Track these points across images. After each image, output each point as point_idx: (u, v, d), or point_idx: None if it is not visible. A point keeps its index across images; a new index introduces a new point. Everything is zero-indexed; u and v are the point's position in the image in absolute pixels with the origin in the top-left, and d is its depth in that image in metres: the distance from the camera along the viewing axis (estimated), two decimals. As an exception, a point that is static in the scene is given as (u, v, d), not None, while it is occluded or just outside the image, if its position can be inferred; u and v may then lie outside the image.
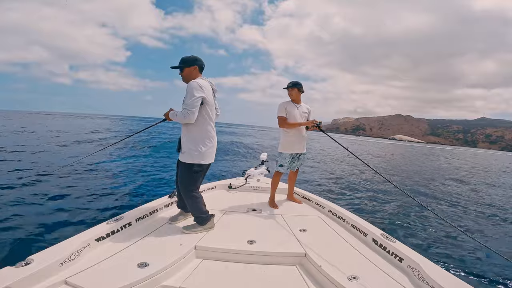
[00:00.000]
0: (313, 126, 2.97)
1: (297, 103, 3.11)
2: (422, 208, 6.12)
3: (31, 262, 1.47)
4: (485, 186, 10.79)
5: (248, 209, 2.96)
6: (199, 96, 2.07)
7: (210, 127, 2.24)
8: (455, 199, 7.48)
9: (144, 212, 2.41)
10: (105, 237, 1.94)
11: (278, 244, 2.12)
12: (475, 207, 6.79)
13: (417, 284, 1.66)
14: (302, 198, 3.46)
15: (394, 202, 6.18)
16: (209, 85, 2.23)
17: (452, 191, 8.74)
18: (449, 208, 6.41)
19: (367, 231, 2.30)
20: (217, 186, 3.70)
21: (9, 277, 1.33)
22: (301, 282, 1.75)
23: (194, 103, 2.06)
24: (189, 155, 2.17)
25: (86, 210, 4.15)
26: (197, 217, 2.27)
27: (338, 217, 2.76)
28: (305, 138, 3.18)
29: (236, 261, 1.93)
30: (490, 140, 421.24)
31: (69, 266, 1.60)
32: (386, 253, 2.02)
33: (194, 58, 2.23)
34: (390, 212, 5.53)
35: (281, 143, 3.16)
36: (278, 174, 3.19)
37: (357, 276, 1.68)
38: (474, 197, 8.23)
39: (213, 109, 2.25)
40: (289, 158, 3.14)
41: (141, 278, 1.54)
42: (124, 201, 4.77)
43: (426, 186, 9.10)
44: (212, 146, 2.26)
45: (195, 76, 2.21)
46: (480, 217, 5.93)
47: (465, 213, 6.13)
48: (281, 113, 3.03)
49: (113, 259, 1.74)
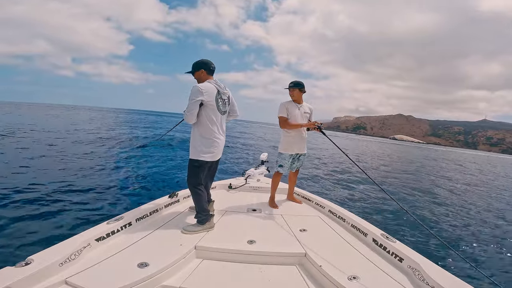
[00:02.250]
0: (314, 128, 2.95)
1: (298, 103, 3.08)
2: (422, 209, 6.12)
3: (31, 262, 1.47)
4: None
5: (248, 209, 2.96)
6: (197, 99, 2.21)
7: (210, 127, 2.31)
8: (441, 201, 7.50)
9: (144, 212, 2.40)
10: (105, 237, 1.94)
11: (278, 244, 2.12)
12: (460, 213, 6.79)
13: (417, 284, 1.66)
14: (302, 198, 3.46)
15: (394, 203, 6.17)
16: (213, 87, 2.29)
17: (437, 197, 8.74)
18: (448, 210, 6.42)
19: (367, 231, 2.30)
20: (217, 186, 3.70)
21: (9, 277, 1.33)
22: (301, 282, 1.75)
23: (191, 106, 2.23)
24: (191, 151, 2.35)
25: (86, 210, 4.15)
26: (198, 213, 2.32)
27: (338, 217, 2.76)
28: (305, 139, 3.17)
29: (236, 261, 1.93)
30: (491, 142, 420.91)
31: (69, 266, 1.59)
32: (386, 253, 2.02)
33: (201, 62, 2.37)
34: (390, 212, 5.53)
35: (281, 143, 3.15)
36: (278, 174, 3.19)
37: (357, 276, 1.68)
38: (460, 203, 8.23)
39: (214, 110, 2.31)
40: (289, 159, 3.13)
41: (141, 278, 1.54)
42: (124, 201, 4.77)
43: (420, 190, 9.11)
44: (210, 145, 2.33)
45: (204, 79, 2.35)
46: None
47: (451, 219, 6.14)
48: (282, 113, 3.01)
49: (113, 259, 1.74)
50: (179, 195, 2.92)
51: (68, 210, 4.10)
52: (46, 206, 4.19)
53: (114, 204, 4.55)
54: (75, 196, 4.78)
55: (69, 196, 4.73)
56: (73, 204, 4.36)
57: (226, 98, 2.43)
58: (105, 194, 5.02)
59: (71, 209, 4.15)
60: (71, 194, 4.86)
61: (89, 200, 4.63)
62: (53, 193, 4.75)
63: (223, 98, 2.39)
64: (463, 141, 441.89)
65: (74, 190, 5.10)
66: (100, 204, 4.47)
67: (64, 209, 4.10)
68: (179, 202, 2.93)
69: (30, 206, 4.14)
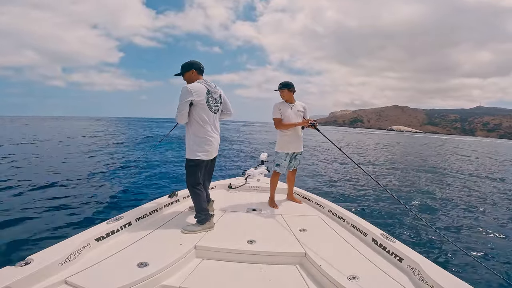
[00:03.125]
0: (309, 125, 3.00)
1: (290, 102, 3.14)
2: (422, 208, 6.12)
3: (31, 262, 1.47)
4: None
5: (248, 209, 2.97)
6: (186, 100, 2.24)
7: (202, 127, 2.34)
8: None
9: (144, 212, 2.41)
10: (105, 237, 1.94)
11: (278, 244, 2.12)
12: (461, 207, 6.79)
13: (417, 284, 1.66)
14: (302, 198, 3.46)
15: (395, 202, 6.18)
16: (203, 87, 2.32)
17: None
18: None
19: (367, 231, 2.30)
20: (217, 186, 3.70)
21: (9, 277, 1.33)
22: (301, 282, 1.75)
23: (181, 107, 2.26)
24: (187, 151, 2.39)
25: (86, 210, 4.16)
26: (197, 213, 2.32)
27: (338, 217, 2.76)
28: (301, 137, 3.23)
29: (236, 261, 1.93)
30: (488, 128, 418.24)
31: (69, 266, 1.60)
32: (386, 253, 2.02)
33: (190, 62, 2.40)
34: (391, 211, 5.53)
35: (277, 143, 3.20)
36: (276, 174, 3.22)
37: (357, 276, 1.68)
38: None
39: (206, 109, 2.34)
40: (286, 158, 3.17)
41: (141, 278, 1.54)
42: (124, 201, 4.78)
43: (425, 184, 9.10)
44: (205, 144, 2.35)
45: (195, 79, 2.37)
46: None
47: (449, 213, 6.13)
48: (276, 115, 3.07)
49: (113, 258, 1.74)
50: (179, 195, 2.93)
51: (68, 210, 4.10)
52: (46, 206, 4.19)
53: (114, 204, 4.55)
54: (75, 196, 4.79)
55: (69, 196, 4.74)
56: (73, 204, 4.37)
57: (218, 97, 2.46)
58: (105, 194, 5.03)
59: (71, 209, 4.15)
60: (71, 194, 4.87)
61: (89, 200, 4.63)
62: (53, 193, 4.76)
63: (214, 97, 2.41)
64: (460, 128, 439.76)
65: (74, 190, 5.11)
66: (100, 204, 4.47)
67: (64, 209, 4.11)
68: (179, 202, 2.93)
69: (30, 206, 4.14)
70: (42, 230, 3.38)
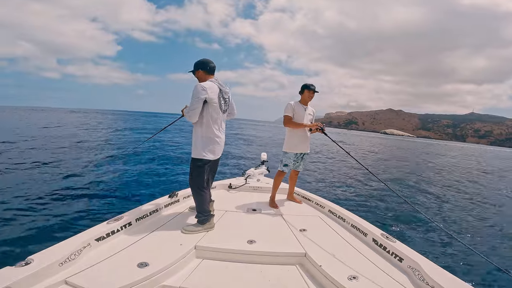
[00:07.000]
0: (317, 129, 3.03)
1: (305, 105, 3.17)
2: (424, 208, 6.12)
3: (31, 262, 1.47)
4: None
5: (248, 209, 2.97)
6: (201, 97, 2.18)
7: (211, 126, 2.30)
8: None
9: (144, 212, 2.40)
10: (105, 237, 1.94)
11: (278, 244, 2.12)
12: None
13: (417, 284, 1.66)
14: (302, 198, 3.46)
15: (395, 202, 6.19)
16: (216, 86, 2.28)
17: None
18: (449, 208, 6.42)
19: (367, 231, 2.30)
20: (217, 186, 3.70)
21: (9, 277, 1.33)
22: (301, 282, 1.75)
23: (195, 104, 2.20)
24: (193, 151, 2.34)
25: (86, 210, 4.15)
26: (198, 213, 2.31)
27: (338, 217, 2.76)
28: (309, 138, 3.25)
29: (236, 261, 1.93)
30: (479, 134, 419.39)
31: (69, 266, 1.59)
32: (386, 253, 2.02)
33: (202, 61, 2.35)
34: (391, 211, 5.53)
35: (286, 143, 3.20)
36: (281, 174, 3.21)
37: (357, 276, 1.68)
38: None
39: (217, 109, 2.30)
40: (294, 158, 3.18)
41: (141, 278, 1.54)
42: (124, 201, 4.77)
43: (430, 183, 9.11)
44: (212, 144, 2.32)
45: (204, 78, 2.33)
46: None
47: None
48: (288, 113, 3.09)
49: (113, 259, 1.74)
50: (179, 195, 2.92)
51: (68, 210, 4.10)
52: (46, 206, 4.19)
53: (114, 204, 4.55)
54: (75, 196, 4.78)
55: (69, 196, 4.73)
56: (73, 204, 4.36)
57: (227, 97, 2.43)
58: (105, 195, 5.02)
59: (71, 209, 4.15)
60: (71, 194, 4.87)
61: (88, 200, 4.63)
62: (53, 193, 4.76)
63: (225, 97, 2.39)
64: (452, 134, 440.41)
65: (74, 190, 5.11)
66: (100, 204, 4.47)
67: (64, 209, 4.10)
68: (179, 202, 2.93)
69: (30, 206, 4.14)
70: (42, 230, 3.38)
